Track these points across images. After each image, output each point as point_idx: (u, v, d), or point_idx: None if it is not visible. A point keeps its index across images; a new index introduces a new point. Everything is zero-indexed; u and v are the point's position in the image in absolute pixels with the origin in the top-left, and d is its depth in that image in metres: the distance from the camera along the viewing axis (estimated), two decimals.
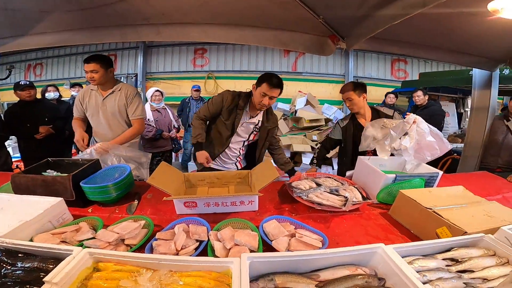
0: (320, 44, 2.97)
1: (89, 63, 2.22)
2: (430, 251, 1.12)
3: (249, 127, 2.25)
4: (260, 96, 2.00)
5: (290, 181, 1.87)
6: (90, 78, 2.24)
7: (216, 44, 9.11)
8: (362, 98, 2.30)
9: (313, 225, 1.50)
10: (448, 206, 1.46)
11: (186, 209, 1.60)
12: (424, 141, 1.94)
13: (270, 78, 1.97)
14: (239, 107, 2.13)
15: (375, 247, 1.02)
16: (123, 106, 2.40)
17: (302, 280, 0.95)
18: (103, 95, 2.37)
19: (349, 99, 2.30)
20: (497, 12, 1.69)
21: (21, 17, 2.52)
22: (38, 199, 1.45)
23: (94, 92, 2.39)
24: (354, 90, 2.27)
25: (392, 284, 0.93)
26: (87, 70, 2.23)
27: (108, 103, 2.38)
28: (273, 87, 1.97)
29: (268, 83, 1.96)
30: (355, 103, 2.29)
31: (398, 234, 1.46)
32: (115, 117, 2.41)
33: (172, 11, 2.54)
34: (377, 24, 2.14)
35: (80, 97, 2.42)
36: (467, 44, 2.80)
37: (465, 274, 1.04)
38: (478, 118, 3.57)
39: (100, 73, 2.26)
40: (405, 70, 9.43)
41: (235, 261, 0.93)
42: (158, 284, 0.88)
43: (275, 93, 2.00)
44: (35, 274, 0.93)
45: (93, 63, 2.22)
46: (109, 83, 2.38)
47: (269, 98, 2.00)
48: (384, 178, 1.71)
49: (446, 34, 2.58)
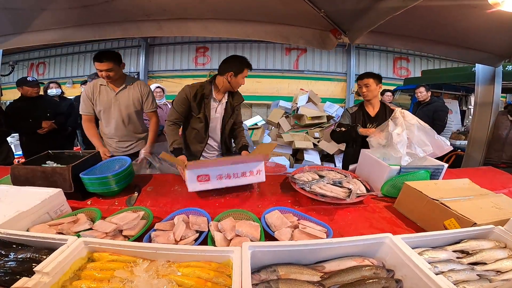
0: (321, 38, 2.93)
1: (102, 62, 2.12)
2: (439, 242, 1.08)
3: (220, 111, 2.28)
4: (242, 80, 2.13)
5: (293, 174, 1.83)
6: (106, 76, 2.18)
7: (218, 42, 9.10)
8: (379, 87, 2.37)
9: (317, 218, 1.46)
10: (455, 198, 1.42)
11: (199, 185, 1.60)
12: (413, 136, 1.85)
13: (247, 62, 2.13)
14: (206, 97, 2.15)
15: (383, 237, 0.97)
16: (137, 101, 2.39)
17: (306, 272, 0.91)
18: (115, 90, 2.31)
19: (367, 85, 2.34)
20: (498, 5, 1.65)
21: (22, 14, 2.51)
22: (36, 190, 1.42)
23: (104, 87, 2.31)
24: (373, 77, 2.33)
25: (402, 275, 0.89)
26: (101, 69, 2.14)
27: (121, 98, 2.33)
28: (251, 69, 2.18)
29: (248, 68, 2.13)
30: (371, 90, 2.34)
31: (404, 227, 1.42)
32: (129, 111, 2.38)
33: (173, 7, 2.52)
34: (379, 16, 2.10)
35: (88, 92, 2.31)
36: (471, 39, 2.76)
37: (477, 266, 1.00)
38: (482, 114, 3.53)
39: (115, 70, 2.21)
40: (407, 68, 9.38)
41: (236, 251, 0.89)
42: (155, 274, 0.84)
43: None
44: (27, 265, 0.90)
45: (106, 62, 2.13)
46: (121, 78, 2.33)
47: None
48: (389, 170, 1.67)
49: (449, 29, 2.54)
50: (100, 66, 2.13)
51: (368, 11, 2.22)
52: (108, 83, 2.29)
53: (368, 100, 2.42)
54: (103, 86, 2.31)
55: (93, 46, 9.54)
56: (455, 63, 8.45)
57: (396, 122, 1.89)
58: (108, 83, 2.29)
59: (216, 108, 2.24)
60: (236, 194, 1.75)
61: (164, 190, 1.81)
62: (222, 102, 2.25)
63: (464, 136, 5.17)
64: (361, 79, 2.39)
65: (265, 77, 9.03)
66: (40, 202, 1.29)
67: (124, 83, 2.34)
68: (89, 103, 2.32)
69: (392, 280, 0.87)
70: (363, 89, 2.38)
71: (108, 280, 0.82)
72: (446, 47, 3.00)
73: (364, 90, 2.37)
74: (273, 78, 9.03)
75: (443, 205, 1.32)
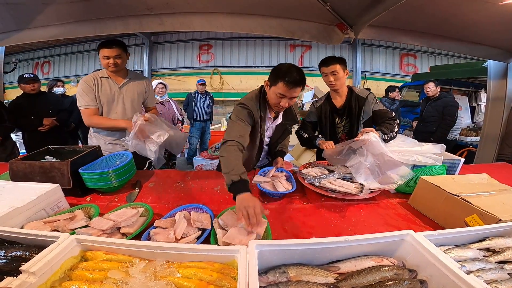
0: (327, 33, 2.86)
1: (111, 48, 1.98)
2: (463, 240, 0.99)
3: (269, 133, 1.90)
4: (277, 97, 1.56)
5: (300, 169, 1.74)
6: (113, 64, 2.01)
7: (222, 39, 9.04)
8: (346, 74, 2.00)
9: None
10: (476, 193, 1.32)
11: None
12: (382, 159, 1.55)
13: (288, 74, 1.49)
14: (261, 119, 1.70)
15: (403, 234, 0.88)
16: (141, 95, 2.26)
17: (319, 273, 0.83)
18: (119, 83, 2.15)
19: (334, 73, 1.95)
20: None
21: (24, 10, 2.49)
22: (33, 185, 1.36)
23: (106, 80, 2.12)
24: (340, 63, 1.95)
25: (427, 276, 0.80)
26: (110, 56, 1.99)
27: (125, 91, 2.17)
28: (293, 86, 1.50)
29: (285, 82, 1.48)
30: (339, 77, 1.96)
31: (421, 224, 1.33)
32: (133, 106, 2.22)
33: (176, 0, 2.45)
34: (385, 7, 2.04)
35: (90, 83, 2.07)
36: (481, 34, 2.70)
37: (505, 265, 0.91)
38: (495, 109, 3.47)
39: (123, 58, 2.07)
40: (414, 65, 9.23)
41: (242, 250, 0.81)
42: (152, 276, 0.76)
43: (295, 92, 1.54)
44: (16, 264, 0.83)
45: (116, 48, 1.99)
46: (124, 70, 2.19)
47: (289, 99, 1.57)
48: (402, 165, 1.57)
49: (459, 23, 2.48)
50: (109, 52, 1.98)
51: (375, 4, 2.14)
52: (110, 76, 2.13)
53: (336, 90, 2.05)
54: (104, 79, 2.13)
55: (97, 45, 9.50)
56: (463, 60, 8.29)
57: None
58: (110, 76, 2.13)
59: (267, 129, 1.83)
60: None
61: (166, 186, 1.74)
62: (276, 123, 1.85)
63: (475, 133, 5.06)
64: (327, 66, 1.96)
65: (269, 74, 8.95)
66: (36, 198, 1.24)
67: (127, 76, 2.20)
68: (92, 94, 2.07)
69: (416, 281, 0.78)
70: (330, 78, 1.96)
71: (100, 281, 0.75)
72: (456, 43, 2.94)
73: (332, 79, 1.96)
74: None
75: (464, 200, 1.23)
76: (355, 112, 2.02)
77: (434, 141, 4.18)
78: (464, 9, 2.13)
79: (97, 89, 2.09)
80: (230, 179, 1.24)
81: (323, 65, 2.00)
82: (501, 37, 2.71)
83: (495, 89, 3.43)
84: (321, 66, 2.00)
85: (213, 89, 8.83)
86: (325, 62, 1.99)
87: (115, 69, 2.06)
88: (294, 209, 1.44)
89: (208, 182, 1.80)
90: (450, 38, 2.87)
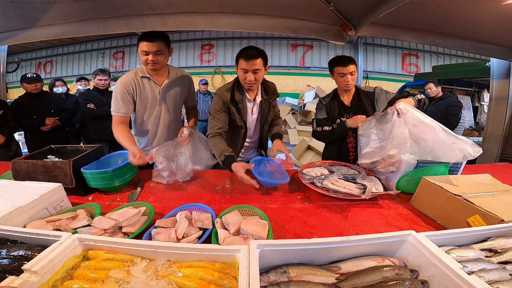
0: (332, 32, 2.85)
1: (152, 42, 1.70)
2: (465, 241, 0.98)
3: (256, 111, 1.99)
4: (243, 74, 1.72)
5: (302, 168, 1.74)
6: (152, 61, 1.76)
7: (223, 39, 9.03)
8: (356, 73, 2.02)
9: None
10: (478, 194, 1.32)
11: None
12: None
13: (244, 51, 1.70)
14: (234, 102, 1.83)
15: (405, 234, 0.88)
16: (184, 95, 2.05)
17: (320, 273, 0.83)
18: (160, 84, 1.90)
19: (352, 73, 1.95)
20: None
21: (29, 9, 2.50)
22: (36, 184, 1.37)
23: (147, 81, 1.87)
24: (354, 63, 1.96)
25: (429, 276, 0.80)
26: (149, 51, 1.72)
27: (167, 94, 1.94)
28: (250, 59, 1.67)
29: (243, 58, 1.68)
30: (355, 78, 1.98)
31: (423, 224, 1.32)
32: (177, 109, 2.03)
33: (179, 0, 2.46)
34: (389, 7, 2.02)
35: (128, 87, 1.83)
36: (485, 33, 2.68)
37: (507, 265, 0.90)
38: (498, 109, 3.44)
39: (165, 55, 1.81)
40: (416, 65, 9.17)
41: (243, 250, 0.81)
42: (154, 275, 0.76)
43: (255, 65, 1.68)
44: (19, 263, 0.83)
45: (158, 42, 1.72)
46: (166, 67, 1.94)
47: (252, 72, 1.70)
48: (405, 165, 1.57)
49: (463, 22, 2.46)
50: (149, 47, 1.71)
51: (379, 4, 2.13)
52: (151, 75, 1.87)
53: (346, 90, 2.06)
54: (145, 79, 1.87)
55: (99, 45, 9.59)
56: (466, 59, 8.25)
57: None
58: (151, 75, 1.87)
59: (252, 109, 1.94)
60: (242, 189, 1.67)
61: (168, 186, 1.74)
62: (257, 101, 1.94)
63: (478, 133, 5.03)
64: (345, 66, 1.94)
65: (271, 73, 8.84)
66: (39, 197, 1.24)
67: (168, 74, 1.95)
68: (127, 99, 1.83)
69: (417, 282, 0.78)
70: (348, 78, 1.95)
71: (102, 281, 0.75)
72: (460, 41, 2.91)
73: (350, 79, 1.95)
74: (279, 74, 8.90)
75: (466, 201, 1.22)
76: (369, 108, 2.01)
77: None
78: (467, 8, 2.11)
79: (136, 92, 1.87)
80: (221, 159, 1.71)
81: (339, 65, 1.96)
82: (505, 36, 2.69)
83: (498, 88, 3.41)
84: (337, 66, 1.97)
85: (215, 88, 8.69)
86: (341, 62, 1.96)
87: (154, 67, 1.81)
88: (295, 209, 1.44)
89: (209, 181, 1.80)
90: (454, 36, 2.84)
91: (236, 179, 1.64)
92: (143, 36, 1.72)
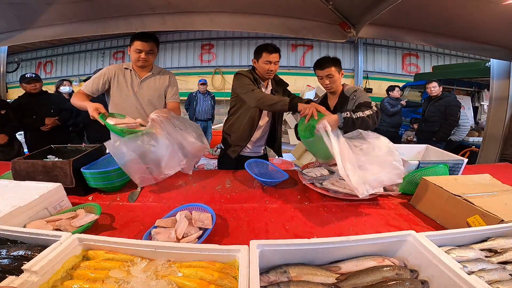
0: (331, 31, 2.85)
1: (147, 42, 1.89)
2: (465, 241, 0.98)
3: None
4: (265, 65, 2.02)
5: (302, 169, 1.74)
6: (144, 59, 1.93)
7: (223, 39, 9.04)
8: (341, 75, 1.94)
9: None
10: (478, 194, 1.32)
11: None
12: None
13: (266, 46, 2.03)
14: (258, 82, 2.10)
15: (405, 234, 0.88)
16: (163, 90, 2.12)
17: (320, 273, 0.83)
18: (141, 77, 2.04)
19: (330, 76, 1.88)
20: None
21: (27, 10, 2.50)
22: (36, 184, 1.37)
23: (129, 72, 2.03)
24: (335, 64, 1.89)
25: (428, 276, 0.80)
26: (143, 49, 1.90)
27: (146, 86, 2.06)
28: (272, 52, 2.01)
29: (266, 51, 2.00)
30: (335, 80, 1.90)
31: (423, 224, 1.32)
32: (158, 103, 2.11)
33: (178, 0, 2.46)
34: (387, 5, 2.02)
35: (110, 71, 1.99)
36: (485, 34, 2.69)
37: (507, 265, 0.90)
38: (498, 108, 3.46)
39: (155, 55, 2.00)
40: (416, 65, 9.19)
41: (243, 249, 0.81)
42: (154, 275, 0.76)
43: (276, 57, 2.04)
44: (19, 263, 0.83)
45: (151, 43, 1.91)
46: (151, 66, 2.09)
47: (274, 64, 2.03)
48: (407, 165, 1.57)
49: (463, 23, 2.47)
50: (144, 46, 1.89)
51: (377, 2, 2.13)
52: (134, 69, 2.03)
53: (333, 92, 2.01)
54: (128, 70, 2.03)
55: (99, 44, 9.60)
56: (466, 60, 8.25)
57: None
58: (134, 69, 2.03)
59: None
60: (242, 189, 1.67)
61: (168, 185, 1.73)
62: (268, 90, 2.20)
63: (478, 133, 5.03)
64: (321, 69, 1.90)
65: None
66: (39, 197, 1.24)
67: (151, 70, 2.08)
68: (101, 82, 1.96)
69: (417, 282, 0.78)
70: (326, 81, 1.92)
71: (102, 281, 0.75)
72: (461, 41, 2.92)
73: (327, 82, 1.91)
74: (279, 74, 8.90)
75: (466, 201, 1.22)
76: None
77: (436, 141, 4.17)
78: (468, 9, 2.12)
79: (114, 78, 2.00)
80: (285, 102, 1.79)
81: (317, 67, 1.94)
82: (505, 37, 2.70)
83: (498, 89, 3.42)
84: (316, 69, 1.96)
85: (215, 88, 8.84)
86: (319, 65, 1.92)
87: (143, 64, 1.97)
88: (295, 208, 1.44)
89: (209, 181, 1.81)
90: (454, 37, 2.85)
91: (236, 179, 1.64)
92: (138, 36, 1.90)
